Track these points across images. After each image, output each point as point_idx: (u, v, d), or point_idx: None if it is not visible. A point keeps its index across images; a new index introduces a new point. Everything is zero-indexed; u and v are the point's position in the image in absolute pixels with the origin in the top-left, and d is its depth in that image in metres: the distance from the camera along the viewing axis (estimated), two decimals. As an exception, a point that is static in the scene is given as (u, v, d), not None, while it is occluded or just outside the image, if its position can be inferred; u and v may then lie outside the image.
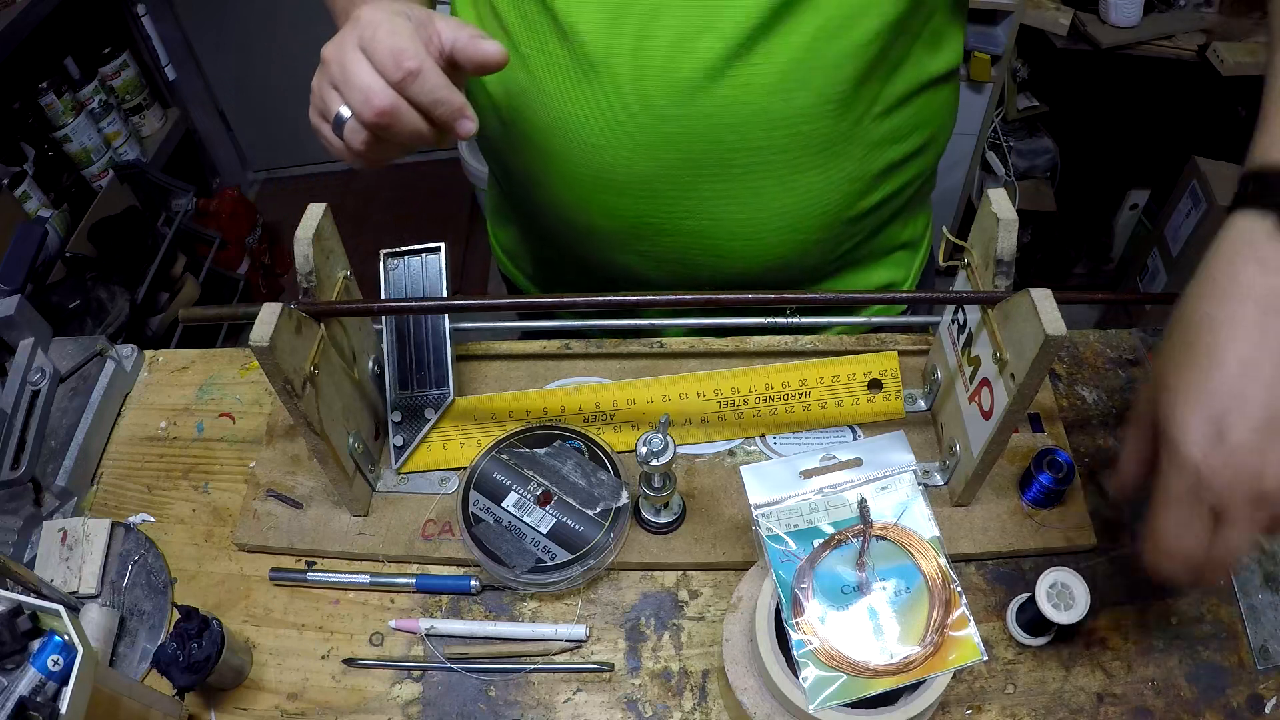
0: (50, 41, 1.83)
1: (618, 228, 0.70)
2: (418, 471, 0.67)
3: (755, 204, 0.67)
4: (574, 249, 0.76)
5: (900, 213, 0.78)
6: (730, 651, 0.51)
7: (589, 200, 0.69)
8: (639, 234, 0.70)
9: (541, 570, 0.60)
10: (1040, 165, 2.15)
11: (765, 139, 0.63)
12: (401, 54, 0.50)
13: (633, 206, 0.68)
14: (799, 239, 0.70)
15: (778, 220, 0.68)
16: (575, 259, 0.78)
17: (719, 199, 0.66)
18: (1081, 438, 0.69)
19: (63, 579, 0.63)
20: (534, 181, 0.72)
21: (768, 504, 0.53)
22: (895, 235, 0.80)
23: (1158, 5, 1.84)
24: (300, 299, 0.55)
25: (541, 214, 0.75)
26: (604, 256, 0.74)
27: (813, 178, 0.66)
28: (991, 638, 0.59)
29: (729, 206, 0.67)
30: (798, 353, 0.74)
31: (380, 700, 0.58)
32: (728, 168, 0.65)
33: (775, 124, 0.63)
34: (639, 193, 0.67)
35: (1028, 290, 0.50)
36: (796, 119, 0.63)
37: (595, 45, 0.61)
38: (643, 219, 0.68)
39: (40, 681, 0.48)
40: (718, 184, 0.66)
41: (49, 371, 0.71)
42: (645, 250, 0.71)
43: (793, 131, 0.63)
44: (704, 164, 0.64)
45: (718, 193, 0.66)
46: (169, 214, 2.00)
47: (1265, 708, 0.56)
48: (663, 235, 0.69)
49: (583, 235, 0.72)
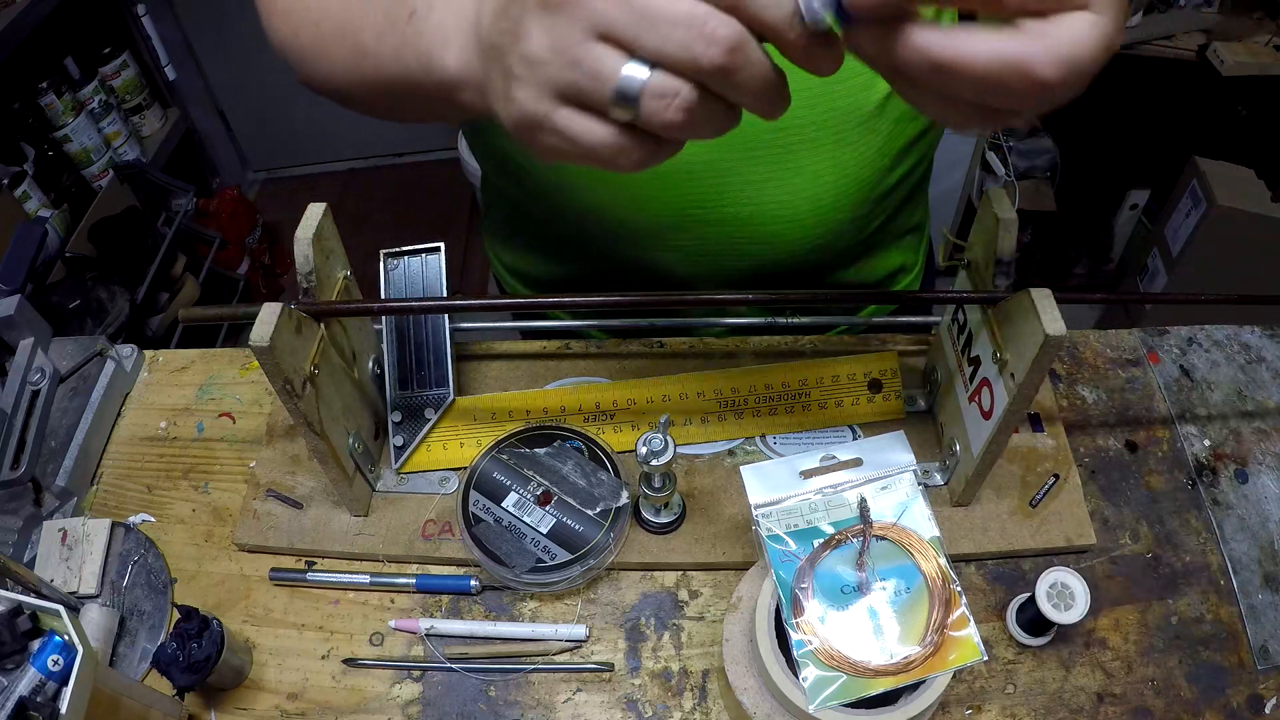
0: (50, 41, 1.83)
1: (659, 223, 0.69)
2: (418, 471, 0.67)
3: (797, 184, 0.67)
4: (602, 254, 0.75)
5: (914, 192, 0.79)
6: (730, 651, 0.51)
7: (637, 194, 0.67)
8: (681, 226, 0.69)
9: (541, 570, 0.60)
10: (1040, 165, 2.15)
11: (809, 115, 0.63)
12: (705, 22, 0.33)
13: (677, 197, 0.67)
14: (835, 218, 0.70)
15: (817, 200, 0.68)
16: (600, 265, 0.77)
17: (763, 181, 0.66)
18: (1081, 438, 0.69)
19: (63, 579, 0.63)
20: (564, 186, 0.70)
21: (768, 504, 0.53)
22: (909, 217, 0.81)
23: (1158, 5, 1.84)
24: (300, 299, 0.55)
25: (568, 221, 0.74)
26: (637, 256, 0.73)
27: (848, 154, 0.66)
28: (991, 638, 0.59)
29: (772, 189, 0.67)
30: (798, 353, 0.74)
31: (380, 700, 0.58)
32: (772, 148, 0.64)
33: (817, 100, 0.63)
34: (685, 181, 0.66)
35: (1028, 290, 0.50)
36: (836, 94, 0.63)
37: None
38: (686, 210, 0.68)
39: (40, 681, 0.48)
40: (762, 166, 0.65)
41: (49, 371, 0.71)
42: (683, 244, 0.70)
43: (832, 106, 0.63)
44: (752, 146, 0.64)
45: (762, 175, 0.66)
46: (169, 214, 2.01)
47: (1265, 708, 0.56)
48: (705, 225, 0.68)
49: (618, 236, 0.71)
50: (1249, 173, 1.82)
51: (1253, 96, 1.80)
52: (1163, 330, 0.76)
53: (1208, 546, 0.63)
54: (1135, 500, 0.66)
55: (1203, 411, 0.71)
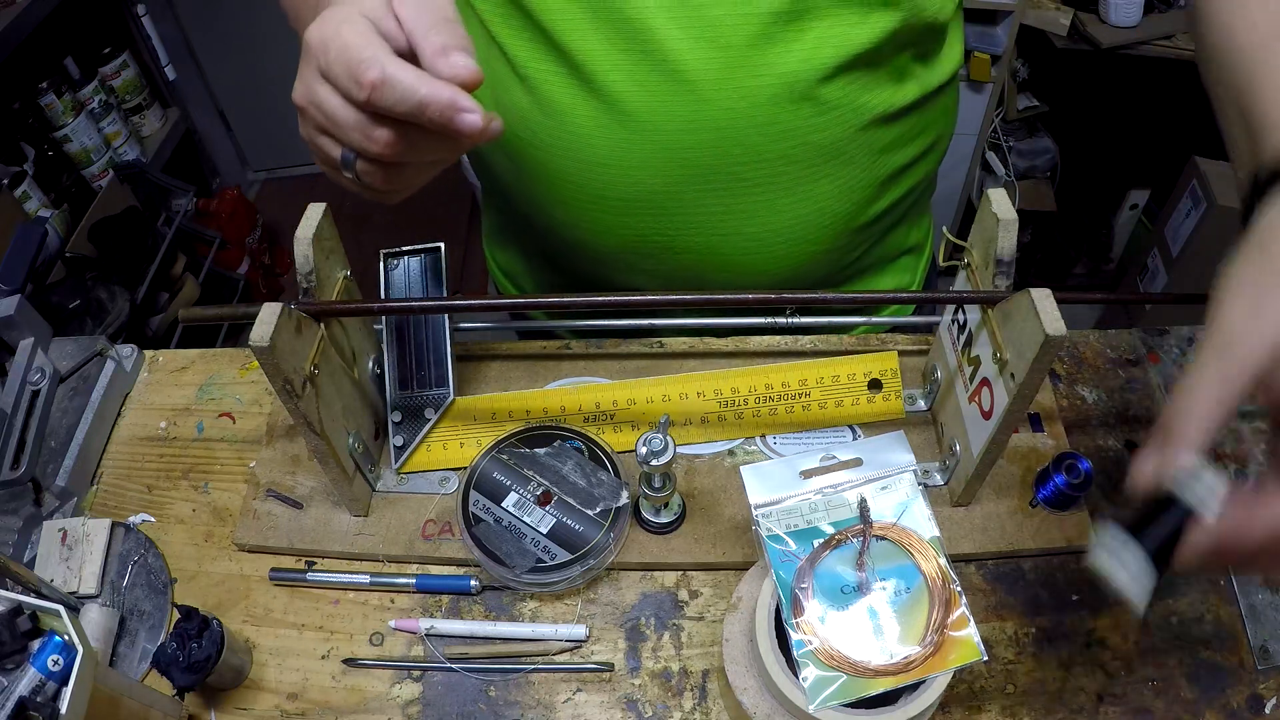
0: (50, 41, 1.84)
1: (624, 247, 0.69)
2: (418, 471, 0.67)
3: (765, 217, 0.66)
4: (579, 270, 0.75)
5: (905, 217, 0.78)
6: (730, 651, 0.51)
7: (595, 220, 0.68)
8: (647, 253, 0.69)
9: (541, 570, 0.60)
10: (1040, 165, 2.15)
11: (774, 150, 0.62)
12: (358, 67, 0.42)
13: (640, 225, 0.67)
14: (809, 250, 0.69)
15: (788, 232, 0.67)
16: (580, 280, 0.77)
17: (728, 214, 0.65)
18: (1081, 438, 0.69)
19: (63, 579, 0.63)
20: (537, 203, 0.70)
21: (768, 504, 0.53)
22: (901, 240, 0.80)
23: (1158, 5, 1.84)
24: (300, 299, 0.55)
25: (544, 236, 0.74)
26: (609, 277, 0.73)
27: (822, 187, 0.65)
28: (991, 638, 0.59)
29: (738, 221, 0.66)
30: (798, 353, 0.74)
31: (380, 700, 0.58)
32: (737, 181, 0.64)
33: (784, 135, 0.62)
34: (646, 211, 0.66)
35: (1028, 290, 0.50)
36: (805, 129, 0.62)
37: (597, 65, 0.60)
38: (650, 238, 0.67)
39: (40, 681, 0.48)
40: (727, 198, 0.64)
41: (49, 371, 0.71)
42: (652, 269, 0.70)
43: (801, 141, 0.62)
44: (712, 179, 0.63)
45: (727, 207, 0.65)
46: (169, 214, 2.01)
47: (1265, 708, 0.56)
48: (671, 253, 0.68)
49: (588, 256, 0.71)
50: (1249, 173, 1.81)
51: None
52: (1163, 330, 0.76)
53: (1208, 546, 0.63)
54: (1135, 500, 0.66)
55: (1203, 411, 0.71)
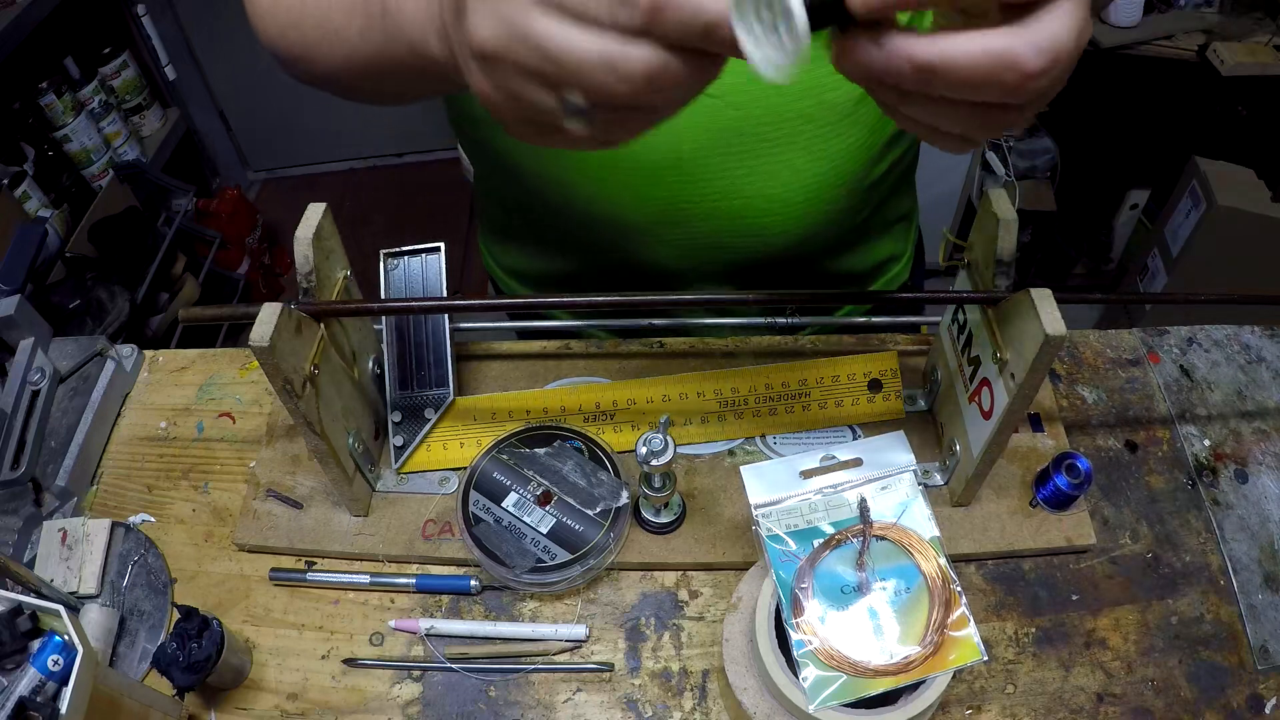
0: (50, 41, 1.84)
1: (650, 217, 0.69)
2: (418, 471, 0.67)
3: (785, 176, 0.67)
4: (596, 247, 0.75)
5: (901, 181, 0.79)
6: (730, 651, 0.51)
7: (621, 190, 0.68)
8: (672, 220, 0.69)
9: (541, 570, 0.60)
10: (1040, 165, 2.15)
11: (797, 108, 0.64)
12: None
13: (667, 192, 0.67)
14: (825, 209, 0.70)
15: (805, 191, 0.68)
16: (593, 261, 0.77)
17: (751, 175, 0.66)
18: (1081, 438, 0.69)
19: (63, 579, 0.63)
20: (556, 179, 0.70)
21: (768, 504, 0.53)
22: (897, 206, 0.82)
23: (1158, 5, 1.84)
24: (300, 299, 0.55)
25: (557, 216, 0.74)
26: (632, 252, 0.73)
27: (836, 144, 0.67)
28: (991, 638, 0.59)
29: (761, 182, 0.67)
30: (798, 353, 0.74)
31: (380, 700, 0.58)
32: (761, 141, 0.65)
33: (805, 93, 0.63)
34: (671, 177, 0.66)
35: (1028, 290, 0.50)
36: (821, 87, 0.63)
37: None
38: (676, 203, 0.68)
39: (40, 681, 0.48)
40: (749, 160, 0.65)
41: (49, 371, 0.71)
42: (674, 238, 0.71)
43: (819, 100, 0.64)
44: (736, 141, 0.64)
45: (750, 169, 0.66)
46: (169, 214, 2.01)
47: (1265, 708, 0.56)
48: (695, 219, 0.69)
49: (610, 230, 0.71)
50: (1249, 173, 1.82)
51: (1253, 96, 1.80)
52: (1163, 330, 0.76)
53: (1208, 546, 0.63)
54: (1135, 500, 0.66)
55: (1203, 411, 0.71)
